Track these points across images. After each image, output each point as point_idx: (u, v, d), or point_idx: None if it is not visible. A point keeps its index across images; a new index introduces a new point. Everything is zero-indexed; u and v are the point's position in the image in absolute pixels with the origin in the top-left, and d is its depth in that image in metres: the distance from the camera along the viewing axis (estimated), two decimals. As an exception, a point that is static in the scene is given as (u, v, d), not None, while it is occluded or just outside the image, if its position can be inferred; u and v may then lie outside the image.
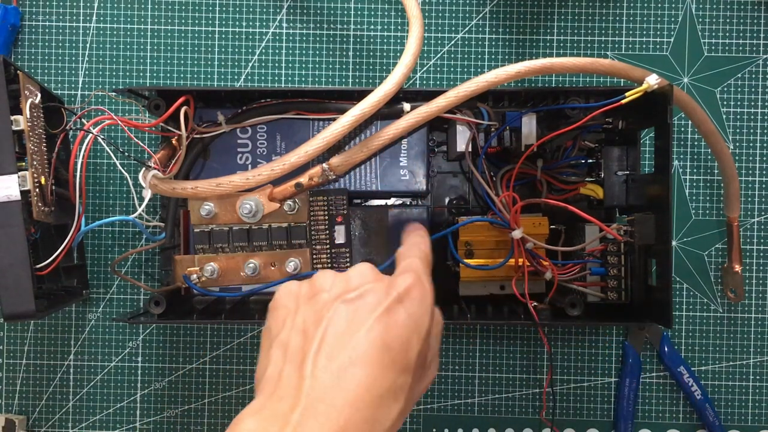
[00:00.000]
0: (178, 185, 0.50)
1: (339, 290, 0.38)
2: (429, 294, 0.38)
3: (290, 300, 0.39)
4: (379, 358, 0.35)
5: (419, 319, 0.37)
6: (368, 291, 0.37)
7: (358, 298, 0.37)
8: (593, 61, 0.50)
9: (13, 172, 0.47)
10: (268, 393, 0.35)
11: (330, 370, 0.34)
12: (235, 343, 0.61)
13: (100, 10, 0.60)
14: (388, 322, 0.36)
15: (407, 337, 0.36)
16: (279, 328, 0.38)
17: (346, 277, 0.39)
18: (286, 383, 0.35)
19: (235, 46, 0.60)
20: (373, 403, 0.34)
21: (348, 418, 0.33)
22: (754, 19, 0.60)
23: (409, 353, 0.36)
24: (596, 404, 0.61)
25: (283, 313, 0.39)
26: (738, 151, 0.60)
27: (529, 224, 0.53)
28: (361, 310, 0.36)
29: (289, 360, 0.36)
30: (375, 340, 0.35)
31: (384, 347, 0.35)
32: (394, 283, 0.38)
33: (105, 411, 0.61)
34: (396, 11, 0.60)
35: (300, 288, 0.40)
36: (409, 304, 0.37)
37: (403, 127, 0.51)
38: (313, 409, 0.33)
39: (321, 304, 0.37)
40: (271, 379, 0.36)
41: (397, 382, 0.35)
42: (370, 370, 0.34)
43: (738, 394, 0.60)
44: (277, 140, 0.54)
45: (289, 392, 0.34)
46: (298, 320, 0.37)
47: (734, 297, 0.59)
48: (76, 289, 0.57)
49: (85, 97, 0.60)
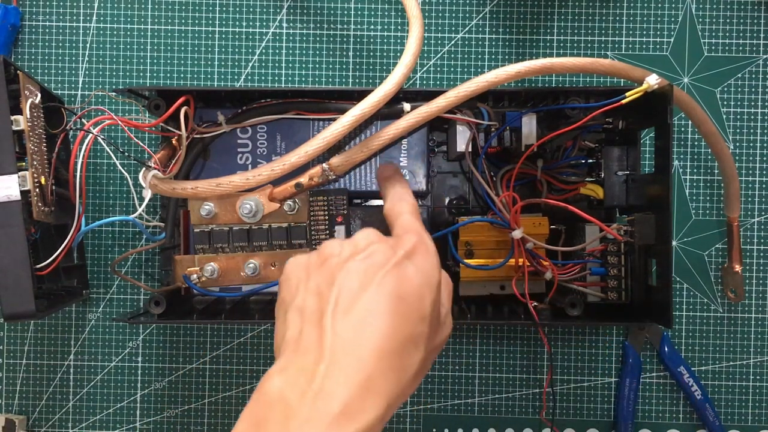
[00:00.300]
0: (178, 185, 0.50)
1: (348, 253, 0.39)
2: (433, 249, 0.40)
3: (300, 270, 0.40)
4: (395, 308, 0.36)
5: (428, 272, 0.38)
6: (376, 250, 0.38)
7: (368, 257, 0.38)
8: (593, 61, 0.50)
9: (13, 172, 0.47)
10: (291, 351, 0.36)
11: (350, 324, 0.35)
12: (235, 343, 0.61)
13: (100, 10, 0.60)
14: (399, 275, 0.37)
15: (419, 288, 0.37)
16: (293, 295, 0.39)
17: (353, 241, 0.40)
18: (307, 340, 0.35)
19: (235, 46, 0.60)
20: (396, 351, 0.35)
21: (373, 367, 0.34)
22: (754, 19, 0.60)
23: (423, 303, 0.37)
24: (596, 404, 0.61)
25: (294, 281, 0.39)
26: (738, 151, 0.60)
27: (529, 224, 0.53)
28: (372, 267, 0.37)
29: (307, 320, 0.36)
30: (389, 292, 0.36)
31: (398, 298, 0.36)
32: (400, 241, 0.39)
33: (105, 411, 0.61)
34: (396, 11, 0.60)
35: (309, 258, 0.40)
36: (417, 259, 0.38)
37: (403, 127, 0.51)
38: (337, 361, 0.34)
39: (332, 267, 0.38)
40: (291, 339, 0.36)
41: (416, 330, 0.36)
42: (388, 319, 0.35)
43: (738, 394, 0.60)
44: (277, 140, 0.54)
45: (312, 348, 0.35)
46: (311, 284, 0.38)
47: (734, 297, 0.59)
48: (76, 289, 0.57)
49: (85, 97, 0.60)
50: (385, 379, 0.34)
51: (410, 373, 0.36)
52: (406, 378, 0.35)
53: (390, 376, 0.34)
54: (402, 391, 0.35)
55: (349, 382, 0.33)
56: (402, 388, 0.35)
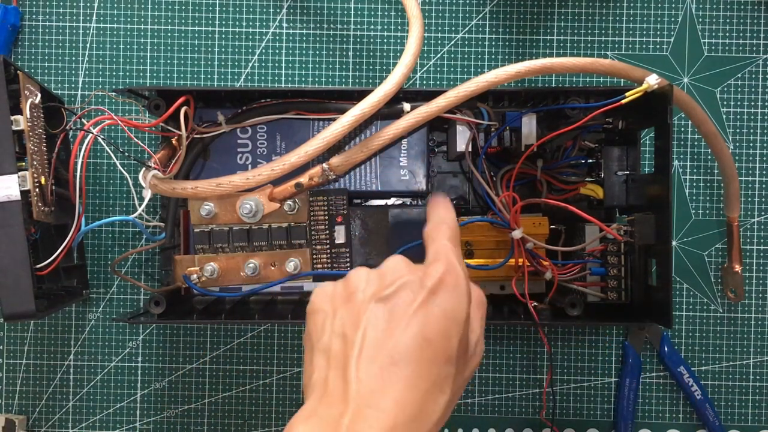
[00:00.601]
0: (178, 185, 0.50)
1: (374, 288, 0.38)
2: (462, 279, 0.38)
3: (326, 303, 0.39)
4: (420, 354, 0.35)
5: (456, 307, 0.37)
6: (402, 286, 0.37)
7: (394, 295, 0.37)
8: (593, 61, 0.50)
9: (13, 172, 0.47)
10: (317, 398, 0.36)
11: (373, 372, 0.35)
12: (235, 343, 0.61)
13: (100, 10, 0.60)
14: (426, 316, 0.36)
15: (445, 328, 0.36)
16: (319, 334, 0.38)
17: (380, 273, 0.39)
18: (332, 389, 0.35)
19: (235, 46, 0.60)
20: (419, 400, 0.35)
21: (396, 418, 0.33)
22: (754, 19, 0.60)
23: (449, 344, 0.36)
24: (596, 404, 0.61)
25: (321, 317, 0.39)
26: (738, 151, 0.60)
27: (529, 224, 0.53)
28: (398, 307, 0.36)
29: (332, 366, 0.36)
30: (414, 337, 0.35)
31: (424, 342, 0.35)
32: (428, 273, 0.38)
33: (105, 411, 0.61)
34: (396, 11, 0.60)
35: (335, 289, 0.40)
36: (444, 294, 0.37)
37: (403, 127, 0.51)
38: (361, 413, 0.34)
39: (358, 306, 0.37)
40: (317, 385, 0.36)
41: (441, 374, 0.36)
42: (412, 367, 0.35)
43: (738, 394, 0.60)
44: (277, 140, 0.54)
45: (337, 398, 0.35)
46: (337, 324, 0.38)
47: (734, 297, 0.59)
48: (76, 289, 0.57)
49: (85, 97, 0.60)
50: (407, 428, 0.34)
51: (434, 420, 0.35)
52: (429, 424, 0.35)
53: (413, 425, 0.34)
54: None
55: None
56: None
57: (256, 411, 0.60)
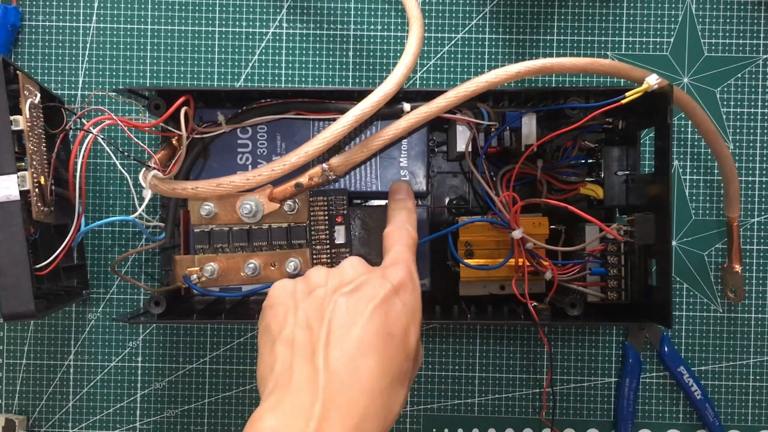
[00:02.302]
0: (178, 185, 0.50)
1: (335, 284, 0.39)
2: (418, 288, 0.40)
3: (287, 298, 0.40)
4: (385, 347, 0.36)
5: (414, 308, 0.39)
6: (364, 283, 0.38)
7: (356, 290, 0.38)
8: (593, 61, 0.50)
9: (12, 172, 0.47)
10: (282, 388, 0.35)
11: (342, 362, 0.35)
12: (235, 343, 0.61)
13: (100, 10, 0.60)
14: (387, 312, 0.37)
15: (406, 325, 0.37)
16: (280, 326, 0.38)
17: (340, 271, 0.40)
18: (299, 377, 0.35)
19: (235, 46, 0.60)
20: (386, 390, 0.35)
21: (367, 406, 0.34)
22: (754, 19, 0.60)
23: (409, 341, 0.37)
24: (596, 404, 0.61)
25: (281, 310, 0.39)
26: (738, 151, 0.60)
27: (529, 224, 0.53)
28: (360, 301, 0.37)
29: (298, 354, 0.36)
30: (378, 330, 0.36)
31: (387, 336, 0.36)
32: (387, 274, 0.39)
33: (105, 411, 0.61)
34: (396, 11, 0.60)
35: (295, 285, 0.40)
36: (404, 295, 0.38)
37: (403, 127, 0.51)
38: (333, 401, 0.34)
39: (320, 299, 0.38)
40: (281, 374, 0.36)
41: (403, 368, 0.37)
42: (379, 358, 0.35)
43: (738, 394, 0.60)
44: (277, 140, 0.54)
45: (305, 386, 0.35)
46: (300, 316, 0.38)
47: (734, 297, 0.59)
48: (76, 289, 0.57)
49: (85, 97, 0.60)
50: (376, 419, 0.34)
51: (395, 412, 0.36)
52: (392, 417, 0.36)
53: (380, 416, 0.35)
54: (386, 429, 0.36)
55: (345, 424, 0.33)
56: (387, 426, 0.35)
57: (256, 411, 0.60)
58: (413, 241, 0.45)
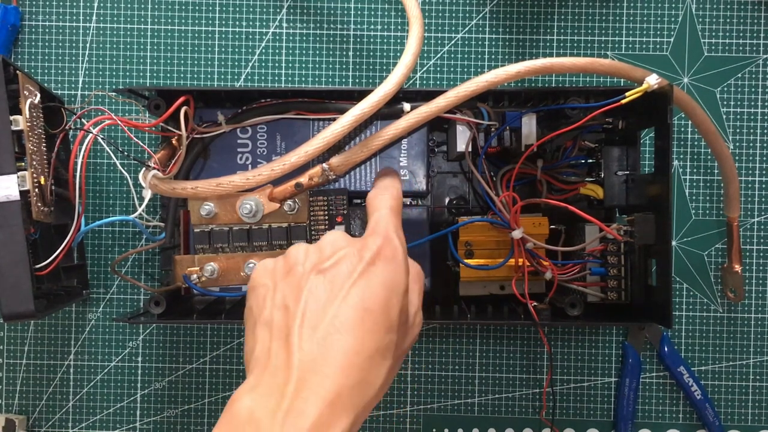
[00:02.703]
0: (178, 185, 0.50)
1: (313, 261, 0.39)
2: (399, 251, 0.39)
3: (267, 278, 0.40)
4: (362, 322, 0.36)
5: (395, 278, 0.38)
6: (341, 258, 0.38)
7: (333, 267, 0.38)
8: (593, 61, 0.50)
9: (12, 172, 0.47)
10: (260, 370, 0.36)
11: (315, 340, 0.35)
12: (235, 343, 0.61)
13: (100, 10, 0.60)
14: (365, 286, 0.37)
15: (385, 297, 0.37)
16: (261, 308, 0.39)
17: (319, 246, 0.40)
18: (275, 359, 0.36)
19: (235, 46, 0.60)
20: (363, 366, 0.35)
21: (341, 383, 0.34)
22: (754, 19, 0.60)
23: (390, 313, 0.37)
24: (596, 404, 0.61)
25: (262, 291, 0.39)
26: (738, 151, 0.60)
27: (529, 224, 0.53)
28: (337, 278, 0.37)
29: (275, 337, 0.37)
30: (355, 306, 0.36)
31: (364, 311, 0.36)
32: (365, 245, 0.39)
33: (105, 411, 0.61)
34: (396, 11, 0.60)
35: (275, 264, 0.40)
36: (382, 265, 0.38)
37: (403, 127, 0.51)
38: (305, 380, 0.34)
39: (298, 278, 0.38)
40: (260, 357, 0.37)
41: (383, 341, 0.36)
42: (354, 334, 0.35)
43: (738, 394, 0.60)
44: (277, 140, 0.54)
45: (280, 367, 0.35)
46: (278, 297, 0.38)
47: (734, 297, 0.59)
48: (76, 289, 0.57)
49: (85, 97, 0.60)
50: (352, 393, 0.34)
51: (377, 385, 0.36)
52: (373, 390, 0.36)
53: (357, 390, 0.35)
54: (369, 402, 0.35)
55: (318, 400, 0.33)
56: (369, 399, 0.35)
57: (256, 411, 0.60)
58: (396, 201, 0.43)
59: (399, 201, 0.44)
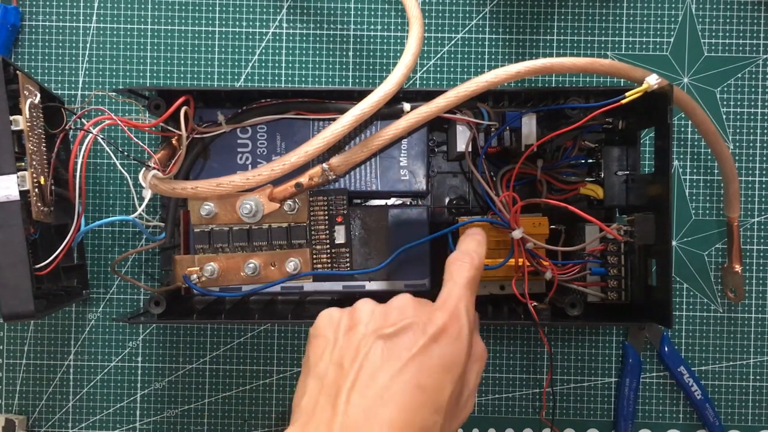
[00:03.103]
0: (178, 185, 0.50)
1: (377, 324, 0.38)
2: (465, 330, 0.38)
3: (329, 330, 0.40)
4: (410, 399, 0.35)
5: (454, 359, 0.37)
6: (405, 328, 0.37)
7: (395, 335, 0.37)
8: (593, 61, 0.50)
9: (12, 172, 0.47)
10: (303, 423, 0.36)
11: (362, 407, 0.35)
12: (235, 343, 0.61)
13: (100, 10, 0.60)
14: (422, 363, 0.36)
15: (440, 378, 0.36)
16: (317, 359, 0.39)
17: (385, 310, 0.39)
18: (319, 416, 0.36)
19: (235, 46, 0.60)
20: None
21: None
22: (754, 19, 0.60)
23: (441, 394, 0.36)
24: (596, 404, 0.61)
25: (322, 343, 0.39)
26: (738, 151, 0.60)
27: (529, 224, 0.53)
28: (396, 348, 0.37)
29: (324, 392, 0.37)
30: (408, 381, 0.35)
31: (416, 388, 0.35)
32: (432, 319, 0.38)
33: (105, 411, 0.61)
34: (396, 11, 0.60)
35: (341, 317, 0.40)
36: (444, 344, 0.37)
37: (403, 127, 0.51)
38: None
39: (358, 338, 0.38)
40: (307, 408, 0.37)
41: (428, 422, 0.36)
42: (400, 410, 0.35)
43: (738, 394, 0.60)
44: (277, 140, 0.54)
45: (323, 425, 0.35)
46: (335, 353, 0.38)
47: (734, 297, 0.59)
48: (76, 289, 0.57)
49: (85, 97, 0.60)
50: None
51: None
52: None
53: None
54: None
55: None
56: None
57: (256, 411, 0.60)
58: (476, 272, 0.42)
59: (479, 271, 0.43)
